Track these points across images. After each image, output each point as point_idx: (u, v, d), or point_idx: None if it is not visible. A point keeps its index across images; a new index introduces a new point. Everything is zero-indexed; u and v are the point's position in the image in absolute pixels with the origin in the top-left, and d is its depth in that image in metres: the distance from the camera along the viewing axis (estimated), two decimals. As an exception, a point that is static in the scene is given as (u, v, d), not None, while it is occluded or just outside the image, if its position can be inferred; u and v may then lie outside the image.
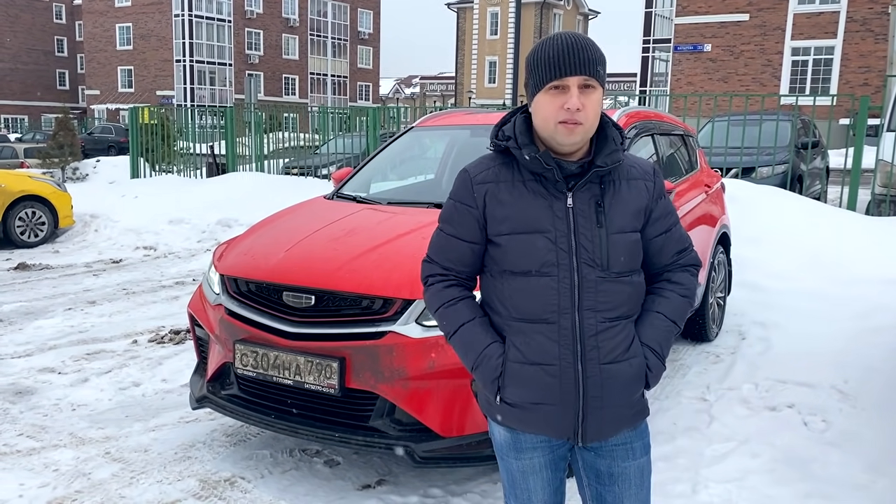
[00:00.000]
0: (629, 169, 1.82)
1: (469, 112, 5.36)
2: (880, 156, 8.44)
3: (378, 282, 3.04)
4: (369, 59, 63.77)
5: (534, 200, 1.75)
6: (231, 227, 9.78)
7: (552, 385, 1.73)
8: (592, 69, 1.69)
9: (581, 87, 1.68)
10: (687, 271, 1.89)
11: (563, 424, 1.76)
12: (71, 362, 5.00)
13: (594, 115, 1.71)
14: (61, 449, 3.68)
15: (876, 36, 25.89)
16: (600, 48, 1.74)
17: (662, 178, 1.87)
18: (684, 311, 1.87)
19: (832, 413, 3.99)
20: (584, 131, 1.71)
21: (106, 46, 53.42)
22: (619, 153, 1.76)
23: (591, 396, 1.72)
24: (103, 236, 10.31)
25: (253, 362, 3.19)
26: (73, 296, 6.97)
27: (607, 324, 1.73)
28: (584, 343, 1.71)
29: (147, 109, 14.77)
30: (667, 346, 1.82)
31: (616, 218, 1.75)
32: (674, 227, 1.87)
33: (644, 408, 1.85)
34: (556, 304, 1.71)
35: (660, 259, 1.87)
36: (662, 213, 1.84)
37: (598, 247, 1.71)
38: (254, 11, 53.20)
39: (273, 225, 3.91)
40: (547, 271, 1.72)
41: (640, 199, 1.80)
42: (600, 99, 1.72)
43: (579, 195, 1.74)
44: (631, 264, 1.77)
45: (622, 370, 1.74)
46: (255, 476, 3.40)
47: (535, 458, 1.87)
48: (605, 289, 1.72)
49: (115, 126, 32.97)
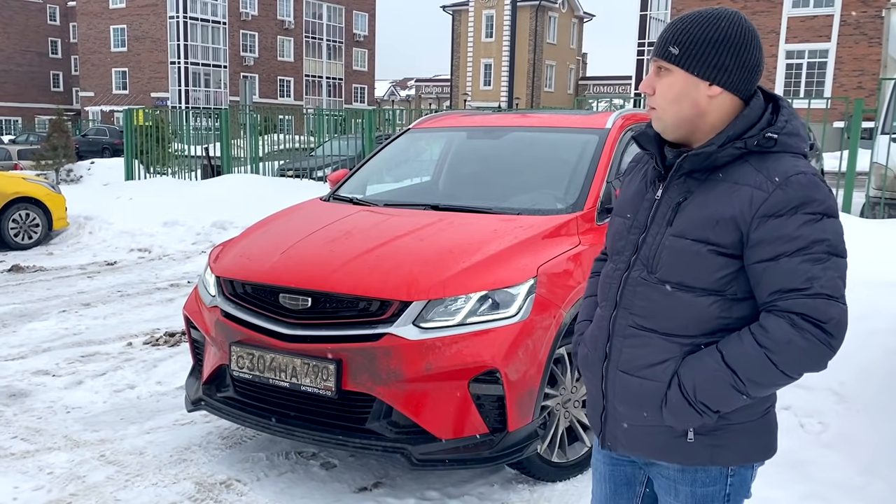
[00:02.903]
0: (749, 172, 1.50)
1: (466, 114, 5.36)
2: (875, 158, 8.46)
3: (375, 283, 3.03)
4: (364, 61, 63.75)
5: (638, 186, 1.68)
6: (226, 229, 9.76)
7: (591, 375, 1.71)
8: (661, 49, 1.53)
9: (656, 69, 1.55)
10: (786, 318, 1.44)
11: (594, 418, 1.72)
12: (65, 364, 4.97)
13: (664, 100, 1.54)
14: (55, 452, 3.66)
15: (870, 39, 26.03)
16: (701, 24, 1.51)
17: (798, 193, 1.45)
18: (756, 367, 1.46)
19: (828, 415, 3.99)
20: (658, 118, 1.57)
21: (100, 48, 53.25)
22: (711, 147, 1.51)
23: (609, 399, 1.65)
24: (98, 238, 10.27)
25: (249, 364, 3.17)
26: (68, 298, 6.94)
27: (637, 330, 1.59)
28: (613, 342, 1.63)
29: (142, 111, 14.74)
30: (707, 391, 1.49)
31: (684, 219, 1.54)
32: (785, 257, 1.44)
33: (696, 453, 1.57)
34: (607, 293, 1.67)
35: (759, 293, 1.50)
36: (771, 235, 1.45)
37: (655, 246, 1.57)
38: (249, 13, 53.12)
39: (269, 227, 3.90)
40: (615, 258, 1.67)
41: (729, 208, 1.48)
42: (675, 83, 1.53)
43: (671, 188, 1.58)
44: (683, 276, 1.52)
45: (631, 384, 1.59)
46: (251, 479, 3.38)
47: (598, 461, 1.82)
48: (642, 291, 1.58)
49: (110, 128, 32.93)
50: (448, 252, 3.22)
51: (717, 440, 1.56)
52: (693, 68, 1.51)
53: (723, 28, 1.50)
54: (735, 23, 1.51)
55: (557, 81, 56.21)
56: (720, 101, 1.53)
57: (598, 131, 4.15)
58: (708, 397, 1.49)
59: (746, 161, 1.51)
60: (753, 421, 1.57)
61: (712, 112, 1.53)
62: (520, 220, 3.55)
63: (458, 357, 2.91)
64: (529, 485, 3.31)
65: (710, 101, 1.53)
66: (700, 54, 1.50)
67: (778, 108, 1.55)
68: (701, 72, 1.51)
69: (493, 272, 3.07)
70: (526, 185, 4.08)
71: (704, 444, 1.56)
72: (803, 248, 1.44)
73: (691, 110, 1.54)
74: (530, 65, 51.99)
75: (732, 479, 1.61)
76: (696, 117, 1.54)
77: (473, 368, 2.91)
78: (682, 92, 1.53)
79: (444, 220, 3.63)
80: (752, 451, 1.60)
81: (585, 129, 4.27)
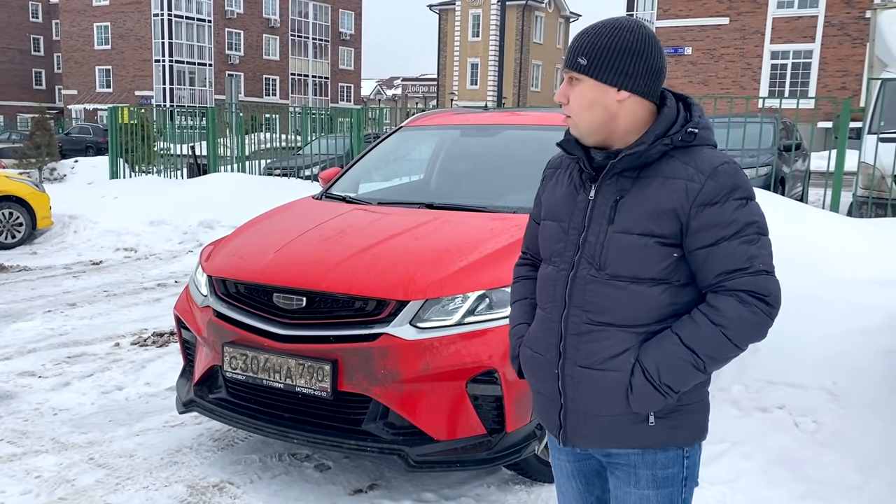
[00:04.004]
0: (678, 166, 1.60)
1: (458, 112, 5.32)
2: (862, 158, 8.51)
3: (372, 283, 2.99)
4: (351, 60, 63.57)
5: (566, 189, 1.73)
6: (213, 228, 9.66)
7: (542, 375, 1.74)
8: (571, 59, 1.63)
9: (568, 80, 1.65)
10: (734, 296, 1.57)
11: (551, 419, 1.75)
12: (51, 366, 4.89)
13: (578, 108, 1.63)
14: (43, 455, 3.59)
15: (853, 40, 26.25)
16: (602, 34, 1.60)
17: (727, 182, 1.58)
18: (713, 344, 1.57)
19: (822, 414, 3.99)
20: (574, 125, 1.65)
21: (83, 46, 52.76)
22: (642, 146, 1.59)
23: (570, 397, 1.69)
24: (83, 237, 10.14)
25: (242, 365, 3.12)
26: (53, 298, 6.84)
27: (592, 326, 1.64)
28: (567, 341, 1.67)
29: (127, 109, 14.57)
30: (670, 373, 1.58)
31: (626, 216, 1.61)
32: (725, 241, 1.56)
33: (657, 435, 1.66)
34: (552, 295, 1.71)
35: (703, 277, 1.61)
36: (708, 222, 1.56)
37: (600, 244, 1.63)
38: (234, 11, 52.80)
39: (261, 225, 3.84)
40: (555, 261, 1.72)
41: (668, 201, 1.58)
42: (586, 92, 1.61)
43: (604, 188, 1.65)
44: (632, 270, 1.60)
45: (594, 377, 1.64)
46: (245, 481, 3.33)
47: (561, 460, 1.86)
48: (594, 289, 1.64)
49: (94, 126, 32.59)
50: (444, 251, 3.19)
51: (674, 422, 1.66)
52: (601, 76, 1.60)
53: (625, 37, 1.60)
54: (636, 31, 1.60)
55: (544, 81, 56.29)
56: (629, 104, 1.62)
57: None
58: (671, 378, 1.59)
59: (672, 156, 1.61)
60: (700, 402, 1.71)
61: (623, 116, 1.63)
62: (515, 218, 3.52)
63: (456, 357, 2.88)
64: (526, 486, 3.28)
65: (619, 106, 1.62)
66: (606, 63, 1.59)
67: (689, 105, 1.67)
68: (609, 79, 1.60)
69: (490, 271, 3.04)
70: (520, 183, 4.04)
71: (664, 426, 1.66)
72: (739, 232, 1.57)
73: (603, 115, 1.63)
74: (517, 64, 52.02)
75: (688, 461, 1.72)
76: (608, 121, 1.63)
77: (471, 369, 2.87)
78: (593, 99, 1.62)
79: (439, 218, 3.60)
80: (700, 431, 1.72)
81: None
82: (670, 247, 1.60)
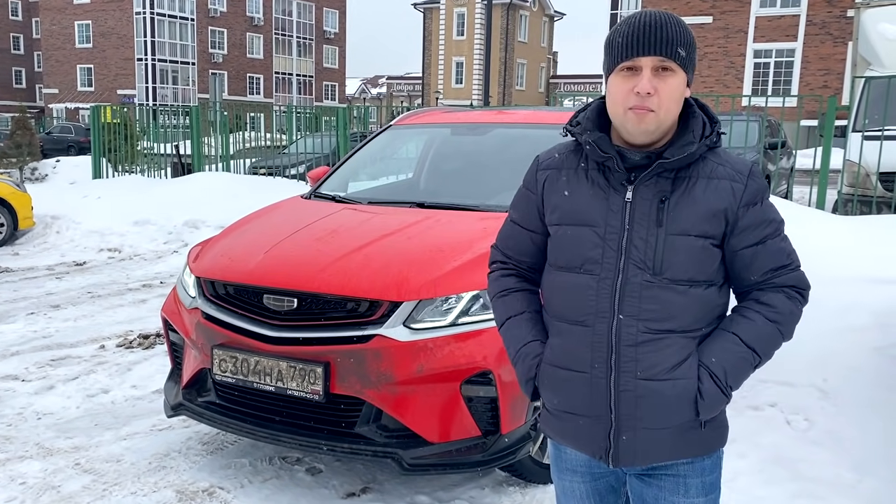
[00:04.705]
0: (715, 167, 1.58)
1: (448, 110, 5.28)
2: (847, 156, 8.56)
3: (364, 283, 2.95)
4: (335, 58, 63.32)
5: (590, 191, 1.60)
6: (198, 228, 9.57)
7: (584, 395, 1.59)
8: (670, 49, 1.51)
9: (655, 69, 1.51)
10: (783, 293, 1.60)
11: (594, 440, 1.61)
12: (35, 369, 4.81)
13: (669, 101, 1.52)
14: (28, 460, 3.51)
15: (835, 39, 26.49)
16: (686, 28, 1.55)
17: (762, 182, 1.60)
18: (770, 340, 1.59)
19: (814, 412, 3.99)
20: (656, 120, 1.52)
21: (64, 44, 52.16)
22: (692, 146, 1.55)
23: (625, 414, 1.56)
24: (65, 238, 10.00)
25: (232, 368, 3.07)
26: (36, 300, 6.73)
27: (651, 335, 1.54)
28: (621, 353, 1.55)
29: (110, 108, 14.41)
30: (734, 374, 1.57)
31: (681, 218, 1.54)
32: (770, 239, 1.59)
33: (707, 441, 1.63)
34: (594, 306, 1.57)
35: (748, 275, 1.61)
36: (754, 221, 1.57)
37: (651, 247, 1.54)
38: (217, 10, 52.42)
39: (250, 225, 3.79)
40: (590, 269, 1.58)
41: (719, 202, 1.55)
42: (680, 85, 1.54)
43: (642, 190, 1.56)
44: (690, 272, 1.55)
45: (661, 389, 1.55)
46: (235, 486, 3.27)
47: (575, 482, 1.74)
48: (651, 295, 1.53)
49: (75, 125, 32.21)
50: (438, 251, 3.15)
51: (717, 424, 1.64)
52: (690, 70, 1.56)
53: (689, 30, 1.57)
54: None
55: (529, 80, 56.38)
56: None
57: (583, 127, 4.10)
58: (735, 380, 1.58)
59: (704, 156, 1.59)
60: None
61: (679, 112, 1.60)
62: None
63: (451, 358, 2.84)
64: (521, 487, 3.25)
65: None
66: (692, 56, 1.57)
67: (702, 104, 1.64)
68: (690, 74, 1.57)
69: (483, 271, 2.93)
70: (512, 182, 3.99)
71: (711, 429, 1.63)
72: (777, 230, 1.61)
73: (678, 111, 1.58)
74: (502, 63, 52.06)
75: (721, 461, 1.71)
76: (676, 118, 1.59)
77: (466, 370, 2.84)
78: (681, 93, 1.56)
79: (431, 217, 3.56)
80: (727, 429, 1.70)
81: (571, 125, 4.22)
82: (717, 248, 1.59)
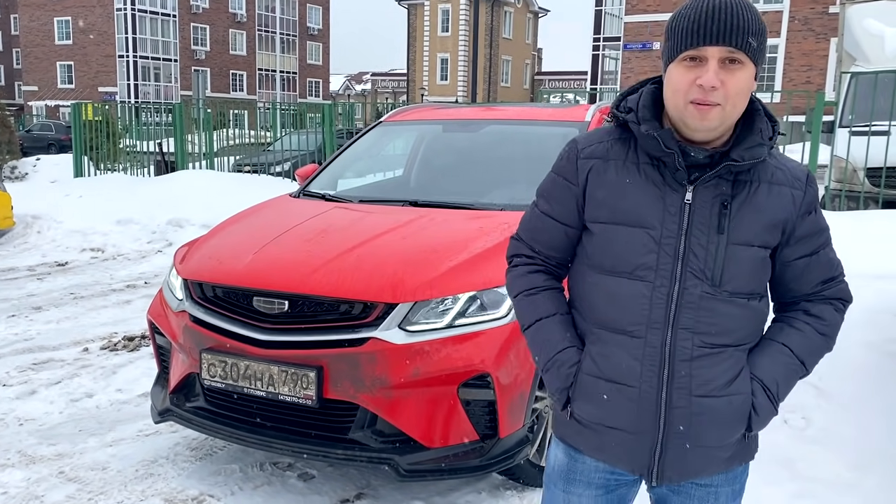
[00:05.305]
0: (774, 171, 1.47)
1: (440, 106, 5.20)
2: (835, 152, 8.57)
3: (358, 285, 2.87)
4: (319, 54, 62.99)
5: (644, 188, 1.46)
6: (182, 226, 9.42)
7: (629, 409, 1.48)
8: (740, 39, 1.36)
9: (723, 60, 1.37)
10: (831, 305, 1.55)
11: (635, 457, 1.51)
12: (16, 373, 4.68)
13: (737, 96, 1.39)
14: (9, 469, 3.40)
15: (817, 35, 26.65)
16: (758, 14, 1.38)
17: (817, 189, 1.52)
18: (818, 353, 1.54)
19: (810, 410, 3.97)
20: (721, 116, 1.39)
21: (44, 41, 51.52)
22: (762, 148, 1.43)
23: (675, 431, 1.47)
24: (47, 238, 9.82)
25: (221, 373, 2.98)
26: (16, 301, 6.58)
27: (707, 349, 1.44)
28: (675, 368, 1.44)
29: (91, 106, 14.18)
30: (785, 386, 1.51)
31: (743, 227, 1.44)
32: (822, 249, 1.53)
33: (746, 451, 1.58)
34: (647, 316, 1.44)
35: (799, 286, 1.54)
36: (809, 231, 1.50)
37: (712, 256, 1.42)
38: (199, 6, 51.97)
39: (239, 225, 3.70)
40: (642, 275, 1.44)
41: (781, 211, 1.46)
42: (749, 79, 1.40)
43: (702, 191, 1.43)
44: (751, 285, 1.47)
45: (718, 407, 1.46)
46: (225, 493, 3.19)
47: (583, 496, 1.63)
48: (710, 307, 1.43)
49: (56, 123, 31.80)
50: (433, 251, 3.07)
51: (755, 433, 1.59)
52: (760, 62, 1.42)
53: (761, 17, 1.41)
54: None
55: (513, 76, 56.38)
56: None
57: (577, 124, 4.07)
58: (784, 393, 1.53)
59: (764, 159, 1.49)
60: None
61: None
62: (503, 216, 3.42)
63: (448, 361, 2.77)
64: (518, 491, 3.19)
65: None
66: (763, 47, 1.42)
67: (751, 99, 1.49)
68: (760, 66, 1.43)
69: (480, 271, 2.93)
70: (506, 179, 3.95)
71: (752, 439, 1.59)
72: (828, 239, 1.55)
73: (745, 107, 1.45)
74: (487, 60, 51.99)
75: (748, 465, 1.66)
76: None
77: (463, 373, 2.76)
78: (749, 88, 1.42)
79: (424, 216, 3.48)
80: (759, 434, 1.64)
81: (565, 122, 4.19)
82: (771, 258, 1.52)
